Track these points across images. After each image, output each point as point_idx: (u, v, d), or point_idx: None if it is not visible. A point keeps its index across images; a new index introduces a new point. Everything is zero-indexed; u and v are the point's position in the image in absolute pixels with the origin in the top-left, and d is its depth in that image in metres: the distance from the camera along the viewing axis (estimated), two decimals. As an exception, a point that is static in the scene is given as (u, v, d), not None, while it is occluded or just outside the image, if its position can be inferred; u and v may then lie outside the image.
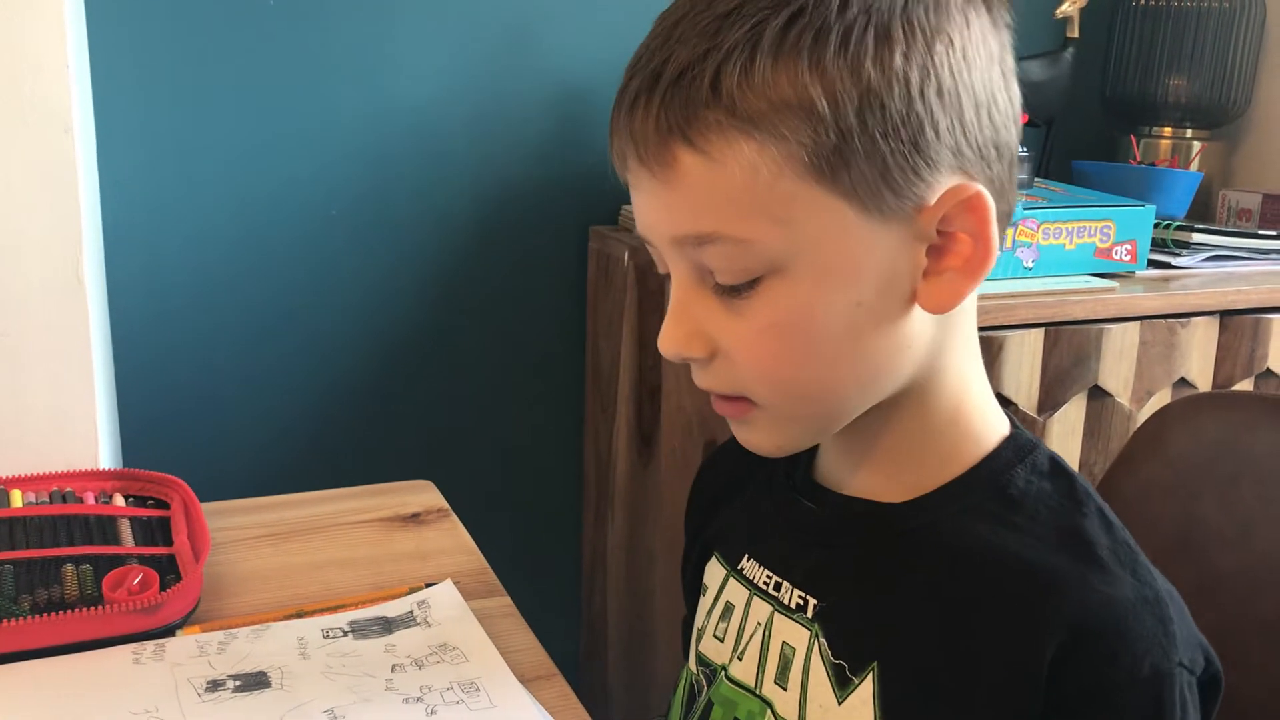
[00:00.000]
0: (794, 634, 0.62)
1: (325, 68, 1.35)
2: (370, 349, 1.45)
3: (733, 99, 0.52)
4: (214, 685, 0.69)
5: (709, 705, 0.67)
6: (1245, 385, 1.29)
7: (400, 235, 1.43)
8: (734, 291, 0.56)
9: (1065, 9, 1.57)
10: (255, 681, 0.70)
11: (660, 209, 0.57)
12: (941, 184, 0.54)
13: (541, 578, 1.64)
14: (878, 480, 0.62)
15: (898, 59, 0.52)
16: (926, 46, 0.53)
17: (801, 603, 0.62)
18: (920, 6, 0.53)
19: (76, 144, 0.94)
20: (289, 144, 1.36)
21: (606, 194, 1.50)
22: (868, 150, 0.52)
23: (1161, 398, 1.24)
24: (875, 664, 0.58)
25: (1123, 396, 1.22)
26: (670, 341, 0.58)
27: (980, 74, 0.55)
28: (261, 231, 1.37)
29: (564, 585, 1.66)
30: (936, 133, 0.53)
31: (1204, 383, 1.27)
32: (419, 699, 0.68)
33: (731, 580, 0.68)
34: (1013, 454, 0.61)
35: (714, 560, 0.71)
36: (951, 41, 0.54)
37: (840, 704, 0.59)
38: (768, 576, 0.65)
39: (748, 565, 0.67)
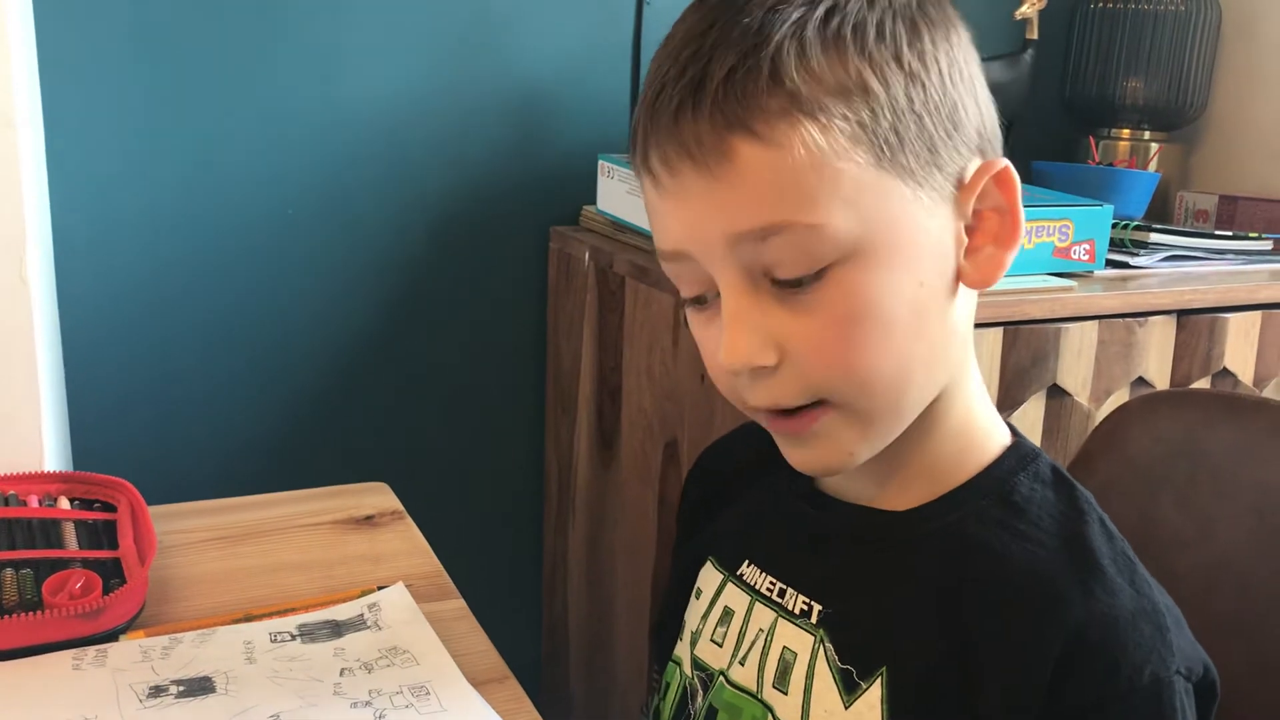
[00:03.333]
0: (796, 639, 0.62)
1: (281, 65, 1.34)
2: (327, 350, 1.43)
3: (795, 83, 0.53)
4: (156, 691, 0.67)
5: (711, 710, 0.66)
6: (1203, 384, 1.30)
7: (358, 236, 1.42)
8: (797, 285, 0.55)
9: (1024, 11, 1.58)
10: (199, 687, 0.68)
11: (715, 210, 0.55)
12: (973, 163, 0.57)
13: (503, 581, 1.62)
14: (886, 489, 0.62)
15: (928, 45, 0.56)
16: (945, 37, 0.57)
17: (806, 608, 0.62)
18: (928, 3, 0.57)
19: (19, 138, 0.91)
20: (244, 143, 1.34)
21: (567, 194, 1.49)
22: (919, 129, 0.55)
23: (1120, 397, 1.24)
24: (884, 669, 0.58)
25: (1081, 396, 1.23)
26: (738, 353, 0.56)
27: (978, 67, 0.59)
28: (217, 232, 1.35)
29: (525, 588, 1.64)
30: (965, 113, 0.57)
31: (1162, 381, 1.27)
32: (367, 703, 0.67)
33: (730, 585, 0.68)
34: (1015, 462, 0.61)
35: (709, 565, 0.71)
36: (960, 33, 0.58)
37: (848, 708, 0.59)
38: (771, 583, 0.65)
39: (748, 571, 0.67)
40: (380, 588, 0.82)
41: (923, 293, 0.56)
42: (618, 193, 1.36)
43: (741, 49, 0.54)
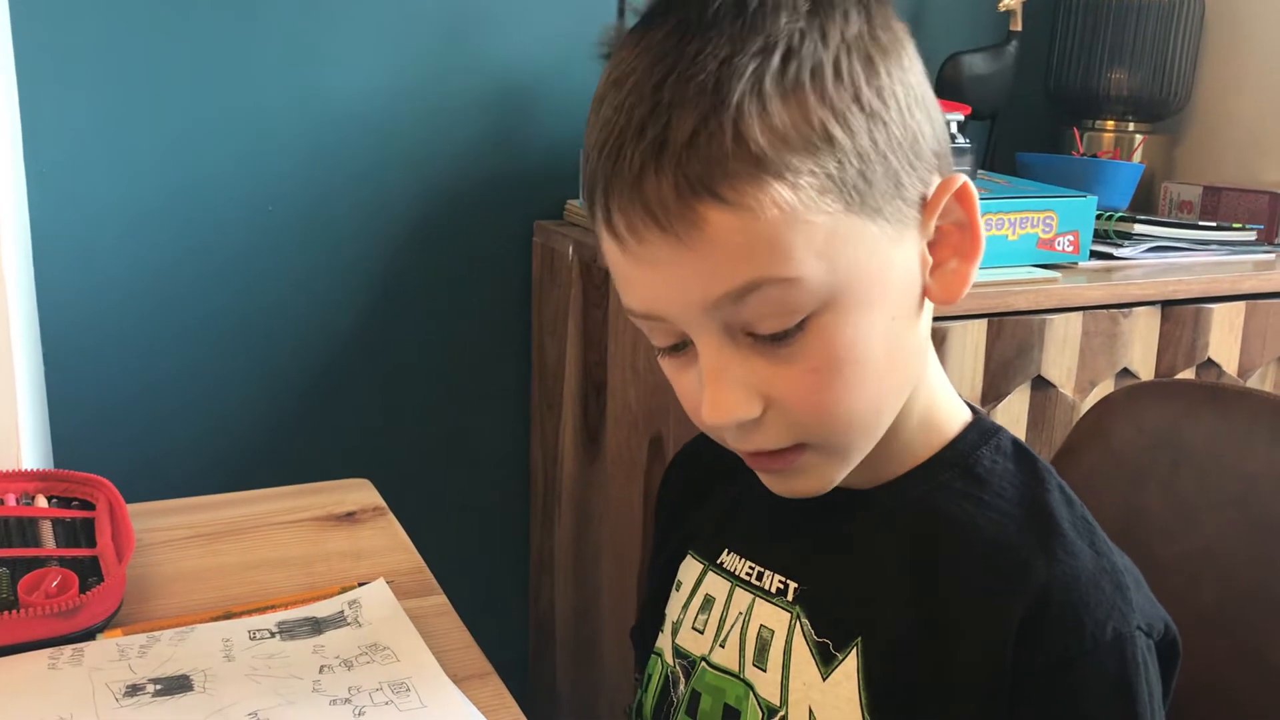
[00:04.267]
0: (772, 617, 0.64)
1: (261, 61, 1.33)
2: (309, 346, 1.42)
3: (759, 145, 0.52)
4: (133, 690, 0.67)
5: (695, 695, 0.67)
6: (1187, 374, 1.30)
7: (340, 231, 1.41)
8: (776, 339, 0.55)
9: (1008, 3, 1.58)
10: (176, 685, 0.67)
11: (688, 275, 0.54)
12: (932, 182, 0.58)
13: (488, 578, 1.62)
14: (854, 473, 0.63)
15: (885, 80, 0.55)
16: (897, 64, 0.56)
17: (782, 587, 0.64)
18: (878, 29, 0.56)
19: (-7, 134, 0.90)
20: (224, 138, 1.33)
21: (551, 188, 1.48)
22: (883, 168, 0.55)
23: (1104, 388, 1.24)
24: (859, 640, 0.60)
25: (1066, 387, 1.23)
26: (723, 410, 0.56)
27: (927, 82, 0.59)
28: (196, 227, 1.34)
29: (512, 585, 1.64)
30: (924, 138, 0.57)
31: (1146, 372, 1.27)
32: (347, 700, 0.66)
33: (710, 574, 0.69)
34: (977, 437, 0.64)
35: (689, 558, 0.72)
36: (911, 57, 0.58)
37: (825, 679, 0.61)
38: (750, 568, 0.67)
39: (728, 559, 0.68)
40: (361, 584, 0.82)
41: (895, 325, 0.57)
42: (601, 186, 1.36)
43: (701, 109, 0.52)
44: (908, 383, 0.61)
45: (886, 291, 0.56)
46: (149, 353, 1.34)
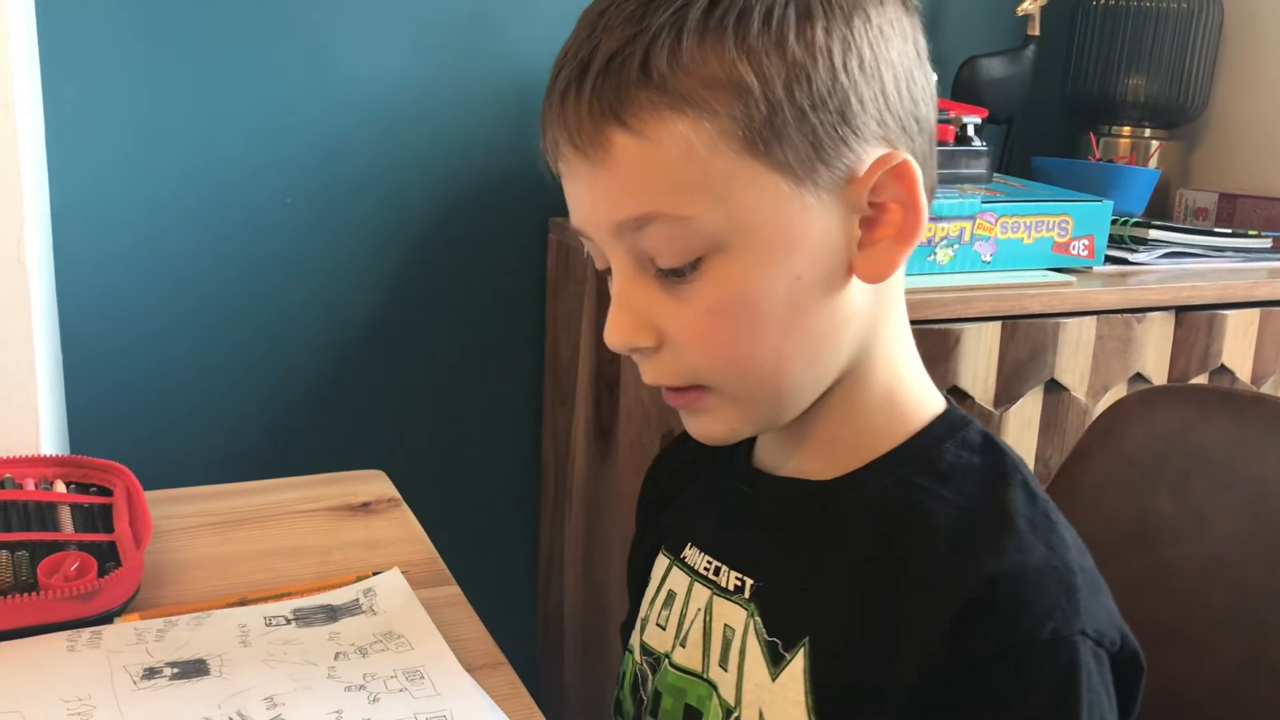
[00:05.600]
0: (733, 615, 0.63)
1: (282, 53, 1.34)
2: (326, 339, 1.43)
3: (663, 78, 0.53)
4: (150, 673, 0.67)
5: (657, 695, 0.67)
6: (1200, 380, 1.30)
7: (358, 225, 1.41)
8: (676, 275, 0.56)
9: (1026, 7, 1.58)
10: (193, 669, 0.68)
11: (598, 196, 0.57)
12: (869, 155, 0.56)
13: (498, 572, 1.62)
14: (812, 461, 0.63)
15: (819, 33, 0.54)
16: (845, 21, 0.55)
17: (739, 584, 0.63)
18: None
19: (18, 121, 0.91)
20: (244, 130, 1.34)
21: (567, 185, 1.49)
22: (798, 122, 0.54)
23: (1117, 392, 1.24)
24: (806, 639, 0.59)
25: (1079, 391, 1.23)
26: (617, 332, 0.58)
27: (897, 49, 0.57)
28: (215, 218, 1.35)
29: (522, 579, 1.64)
30: (861, 104, 0.55)
31: (1159, 378, 1.27)
32: (361, 687, 0.67)
33: (674, 569, 0.69)
34: (944, 430, 0.61)
35: (660, 553, 0.71)
36: (868, 17, 0.56)
37: (774, 680, 0.59)
38: (708, 562, 0.66)
39: (690, 553, 0.68)
40: (376, 573, 0.82)
41: (799, 286, 0.56)
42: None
43: (623, 36, 0.54)
44: (824, 351, 0.59)
45: (791, 250, 0.56)
46: (166, 343, 1.35)
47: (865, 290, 0.59)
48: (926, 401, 0.63)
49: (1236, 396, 0.86)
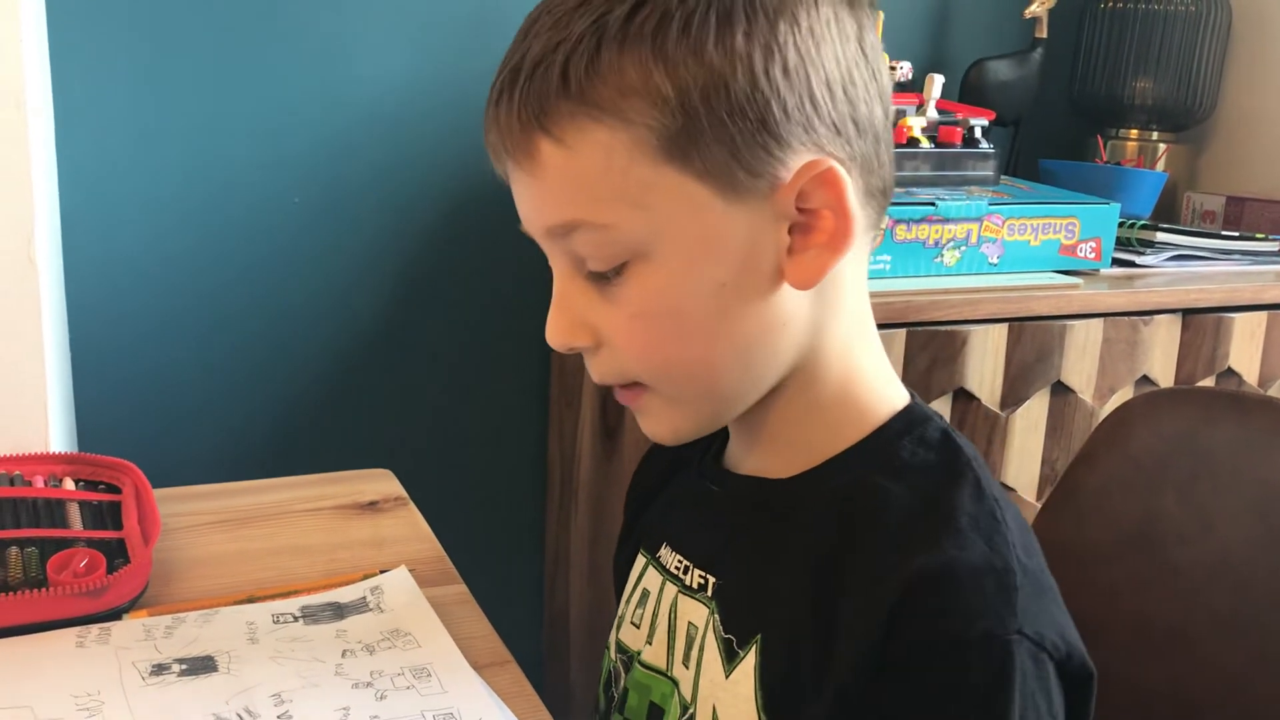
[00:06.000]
0: (696, 613, 0.64)
1: (290, 54, 1.34)
2: (332, 338, 1.44)
3: (581, 87, 0.53)
4: (159, 669, 0.68)
5: (626, 692, 0.68)
6: (1207, 383, 1.30)
7: (364, 224, 1.42)
8: (604, 279, 0.57)
9: (1033, 9, 1.58)
10: (201, 665, 0.68)
11: (532, 200, 0.58)
12: (795, 162, 0.55)
13: (505, 572, 1.63)
14: (770, 459, 0.63)
15: (739, 39, 0.53)
16: (769, 26, 0.54)
17: (703, 582, 0.64)
18: None
19: (29, 121, 0.92)
20: (252, 130, 1.34)
21: (574, 186, 1.49)
22: (716, 131, 0.53)
23: (1124, 395, 1.24)
24: (759, 636, 0.59)
25: (1085, 393, 1.23)
26: (555, 332, 0.60)
27: (831, 51, 0.55)
28: (223, 217, 1.35)
29: (527, 579, 1.65)
30: (785, 111, 0.54)
31: (1166, 380, 1.27)
32: (369, 684, 0.67)
33: (650, 568, 0.70)
34: (903, 426, 0.61)
35: (640, 552, 0.72)
36: (796, 20, 0.54)
37: (727, 677, 0.60)
38: (679, 561, 0.66)
39: (664, 552, 0.68)
40: (383, 571, 0.83)
41: (725, 292, 0.56)
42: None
43: (548, 43, 0.54)
44: (758, 355, 0.58)
45: (714, 257, 0.55)
46: (174, 342, 1.36)
47: (802, 294, 0.58)
48: (888, 398, 0.62)
49: (1243, 399, 0.86)
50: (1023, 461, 1.22)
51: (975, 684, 0.52)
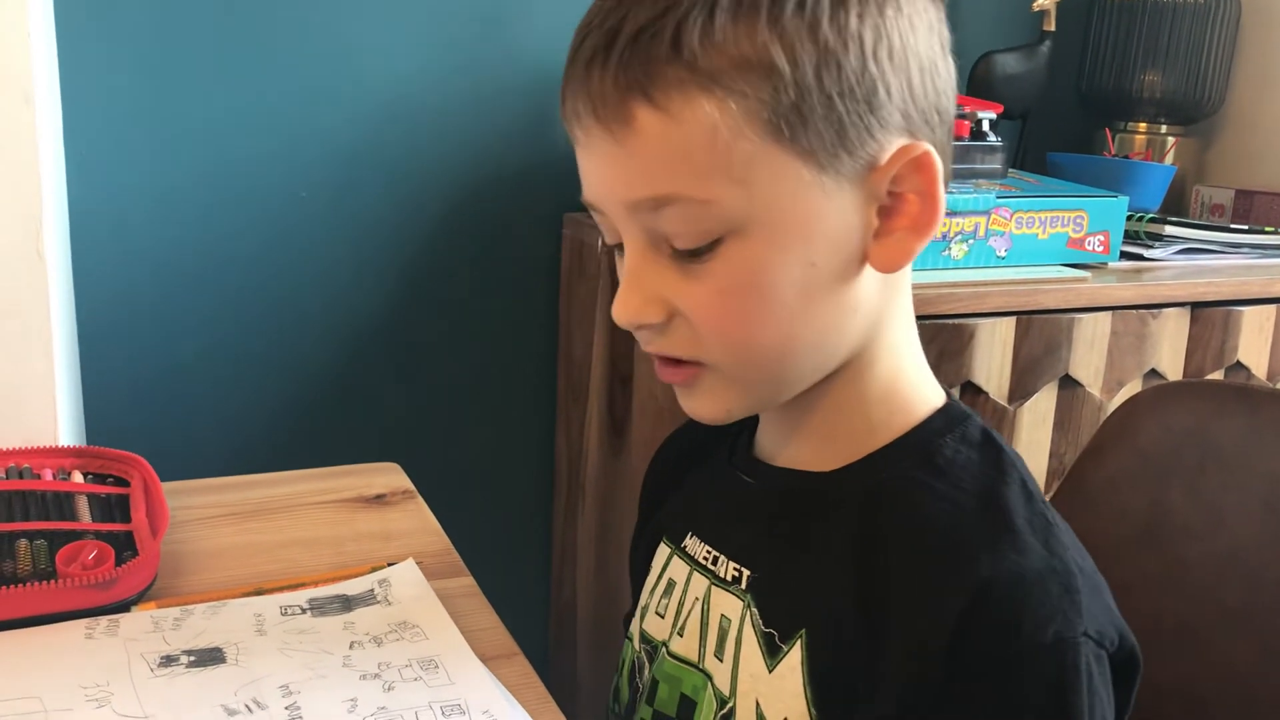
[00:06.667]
0: (730, 606, 0.63)
1: (296, 47, 1.34)
2: (340, 332, 1.44)
3: (694, 55, 0.52)
4: (167, 660, 0.68)
5: (654, 683, 0.67)
6: (1216, 377, 1.29)
7: (371, 219, 1.42)
8: (692, 255, 0.56)
9: (1042, 3, 1.58)
10: (210, 657, 0.68)
11: (617, 173, 0.56)
12: (892, 145, 0.55)
13: (512, 567, 1.63)
14: (810, 451, 0.63)
15: (853, 20, 0.53)
16: (878, 9, 0.54)
17: (737, 574, 0.63)
18: None
19: (37, 114, 0.92)
20: (259, 123, 1.34)
21: (581, 181, 1.49)
22: (825, 109, 0.53)
23: (1132, 388, 1.24)
24: (804, 631, 0.59)
25: (1093, 386, 1.22)
26: (626, 309, 0.58)
27: (924, 40, 0.57)
28: (230, 211, 1.35)
29: (534, 575, 1.65)
30: (889, 93, 0.55)
31: (1174, 374, 1.27)
32: (376, 675, 0.67)
33: (675, 558, 0.69)
34: (943, 424, 0.61)
35: (662, 543, 0.72)
36: (899, 6, 0.55)
37: (770, 672, 0.59)
38: (707, 551, 0.66)
39: (690, 542, 0.68)
40: (391, 564, 0.83)
41: (813, 273, 0.56)
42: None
43: (655, 9, 0.53)
44: (831, 340, 0.59)
45: (808, 237, 0.55)
46: (182, 336, 1.36)
47: (876, 280, 0.58)
48: (927, 395, 0.62)
49: (1252, 392, 0.86)
50: (1030, 455, 1.22)
51: (1049, 688, 0.53)
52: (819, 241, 0.56)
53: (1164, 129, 1.67)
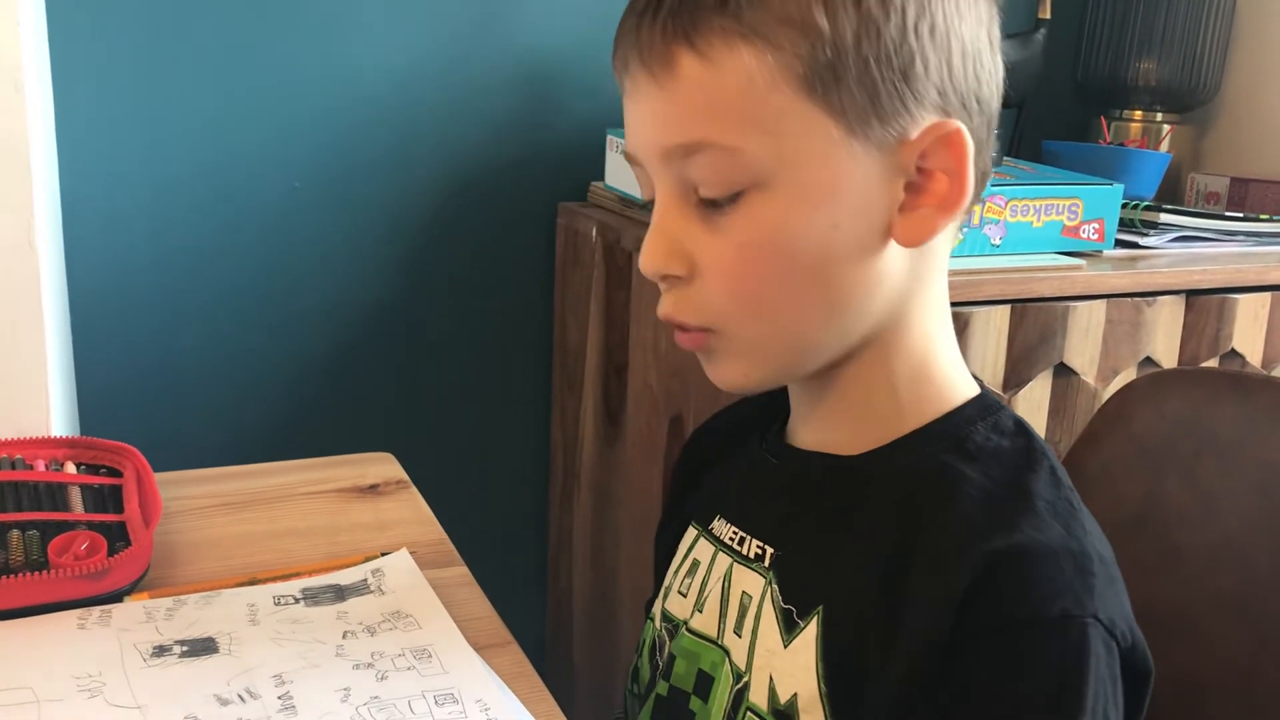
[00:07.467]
0: (751, 582, 0.63)
1: (290, 37, 1.34)
2: (334, 322, 1.43)
3: (739, 7, 0.54)
4: (160, 650, 0.68)
5: (672, 658, 0.68)
6: (1210, 365, 1.29)
7: (365, 209, 1.42)
8: (715, 206, 0.57)
9: (1037, -10, 1.57)
10: (202, 647, 0.68)
11: (656, 118, 0.58)
12: (925, 120, 0.56)
13: (508, 557, 1.63)
14: (839, 434, 0.63)
15: None
16: None
17: (760, 552, 0.64)
18: None
19: (28, 103, 0.91)
20: (253, 113, 1.34)
21: (575, 170, 1.49)
22: (860, 73, 0.54)
23: (1127, 376, 1.24)
24: (820, 608, 0.59)
25: (1088, 374, 1.22)
26: (652, 257, 0.59)
27: (970, 28, 0.58)
28: (223, 200, 1.35)
29: (531, 564, 1.65)
30: (926, 69, 0.56)
31: (1169, 362, 1.27)
32: (369, 665, 0.67)
33: (701, 540, 0.70)
34: (976, 412, 0.61)
35: (690, 526, 0.72)
36: None
37: (786, 647, 0.60)
38: (734, 532, 0.66)
39: (717, 524, 0.68)
40: (384, 554, 0.83)
41: (835, 236, 0.57)
42: (626, 168, 1.36)
43: None
44: (848, 308, 0.59)
45: (832, 198, 0.56)
46: (176, 326, 1.36)
47: (902, 257, 0.59)
48: (959, 384, 0.63)
49: (1247, 380, 0.86)
50: (1025, 444, 1.22)
51: (1052, 662, 0.52)
52: (843, 204, 0.56)
53: (1159, 117, 1.66)
